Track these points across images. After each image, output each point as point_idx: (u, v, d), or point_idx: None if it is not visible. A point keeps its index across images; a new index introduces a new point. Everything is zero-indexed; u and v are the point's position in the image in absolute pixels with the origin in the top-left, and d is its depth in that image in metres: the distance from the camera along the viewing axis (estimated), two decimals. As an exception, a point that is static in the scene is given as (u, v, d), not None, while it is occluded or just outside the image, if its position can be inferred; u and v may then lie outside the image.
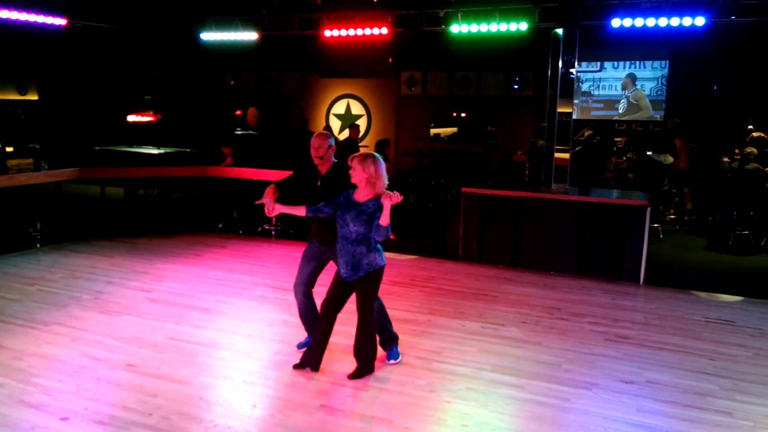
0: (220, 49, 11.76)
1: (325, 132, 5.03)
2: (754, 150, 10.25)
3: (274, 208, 4.58)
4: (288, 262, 7.93)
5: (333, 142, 4.87)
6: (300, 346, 5.12)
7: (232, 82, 16.29)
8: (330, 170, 4.85)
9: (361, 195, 4.42)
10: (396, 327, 5.64)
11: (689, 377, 4.76)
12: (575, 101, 13.03)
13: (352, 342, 4.71)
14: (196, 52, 12.16)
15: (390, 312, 6.04)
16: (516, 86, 14.14)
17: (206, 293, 6.59)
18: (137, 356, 4.94)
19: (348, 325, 5.67)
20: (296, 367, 4.75)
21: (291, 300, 6.38)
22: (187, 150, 11.86)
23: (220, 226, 9.78)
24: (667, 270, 7.97)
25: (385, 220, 4.29)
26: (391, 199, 4.23)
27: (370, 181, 4.36)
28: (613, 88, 13.60)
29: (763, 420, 4.11)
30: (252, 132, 14.78)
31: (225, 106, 15.32)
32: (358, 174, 4.35)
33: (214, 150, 10.51)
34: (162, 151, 11.77)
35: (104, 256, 8.02)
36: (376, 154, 4.47)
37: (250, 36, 10.88)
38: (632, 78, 13.37)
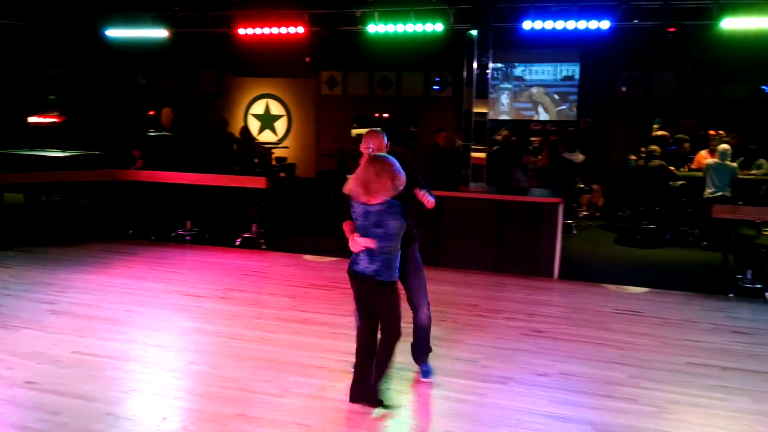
0: (129, 46, 11.26)
1: (378, 131, 4.46)
2: (657, 148, 10.81)
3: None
4: (203, 268, 7.69)
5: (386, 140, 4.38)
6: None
7: (143, 81, 15.65)
8: None
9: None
10: (316, 331, 5.58)
11: (599, 367, 4.92)
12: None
13: (265, 352, 4.58)
14: (103, 50, 11.60)
15: (309, 315, 5.98)
16: (436, 87, 14.32)
17: (115, 303, 6.27)
18: (38, 373, 4.62)
19: (265, 330, 5.55)
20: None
21: (206, 307, 6.21)
22: (95, 153, 11.29)
23: (130, 232, 9.35)
24: (580, 264, 8.26)
25: None
26: None
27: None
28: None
29: (666, 405, 4.30)
30: (166, 133, 14.27)
31: (136, 106, 14.70)
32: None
33: (125, 152, 10.05)
34: (67, 154, 11.15)
35: (2, 266, 7.49)
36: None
37: (160, 33, 10.48)
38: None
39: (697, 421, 4.11)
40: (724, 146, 9.34)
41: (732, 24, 8.00)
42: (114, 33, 10.83)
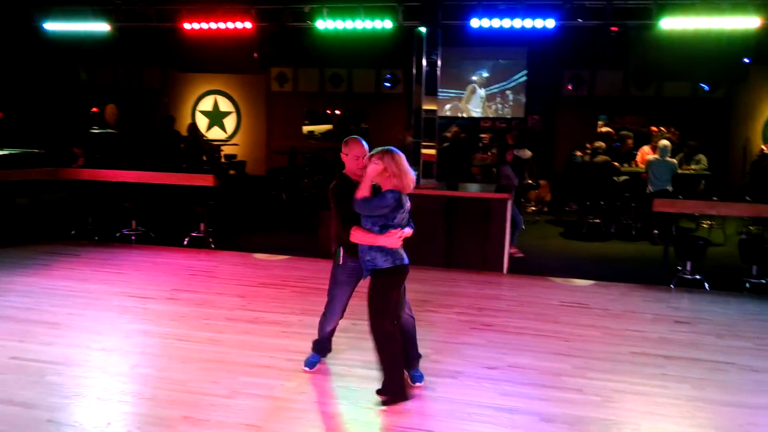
0: (70, 40, 10.86)
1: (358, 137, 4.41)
2: (602, 144, 11.11)
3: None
4: (149, 269, 7.50)
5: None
6: (309, 364, 4.69)
7: (85, 77, 15.13)
8: None
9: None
10: (266, 330, 5.52)
11: (546, 359, 5.02)
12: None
13: (213, 353, 4.50)
14: (42, 44, 11.16)
15: (259, 315, 5.91)
16: (388, 84, 14.34)
17: (56, 306, 6.05)
18: (-27, 380, 4.43)
19: (214, 331, 5.46)
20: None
21: (152, 309, 6.06)
22: (34, 151, 10.86)
23: (72, 232, 9.04)
24: (528, 259, 8.42)
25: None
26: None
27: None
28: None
29: (610, 395, 4.42)
30: (111, 130, 13.85)
31: (78, 103, 14.22)
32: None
33: (65, 150, 9.71)
34: (4, 152, 10.68)
35: (-66, 270, 7.15)
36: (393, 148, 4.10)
37: (102, 27, 10.15)
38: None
39: (640, 409, 4.24)
40: (664, 142, 9.66)
41: (671, 24, 8.27)
42: (53, 26, 10.44)
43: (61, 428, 3.84)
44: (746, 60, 8.66)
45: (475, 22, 8.50)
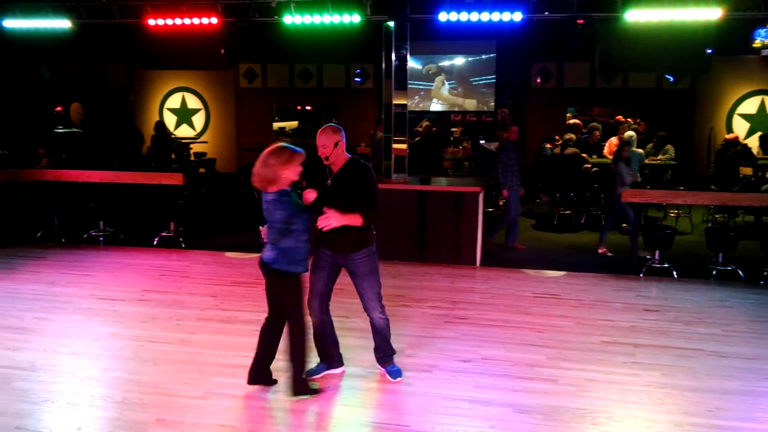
0: (31, 38, 10.57)
1: (332, 126, 4.21)
2: (573, 136, 11.23)
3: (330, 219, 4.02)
4: (119, 270, 7.36)
5: (343, 137, 4.18)
6: (311, 373, 4.42)
7: (48, 75, 14.79)
8: (344, 167, 4.24)
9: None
10: (239, 329, 5.46)
11: (520, 350, 5.07)
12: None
13: (185, 354, 4.44)
14: (1, 42, 10.86)
15: (232, 314, 5.85)
16: (358, 79, 14.29)
17: (22, 311, 5.91)
18: (-65, 389, 4.31)
19: (186, 332, 5.38)
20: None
21: (122, 311, 5.96)
22: (-4, 152, 10.61)
23: (38, 235, 8.83)
24: (500, 251, 8.47)
25: None
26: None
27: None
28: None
29: (584, 384, 4.48)
30: (76, 130, 13.57)
31: (41, 102, 13.89)
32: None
33: (28, 151, 9.47)
34: (-35, 153, 10.41)
35: None
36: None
37: (62, 24, 9.90)
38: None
39: (612, 397, 4.30)
40: (630, 133, 9.81)
41: (635, 16, 8.37)
42: (11, 23, 10.15)
43: (30, 435, 3.76)
44: (708, 51, 8.82)
45: (443, 16, 8.50)
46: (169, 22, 9.40)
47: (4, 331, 5.38)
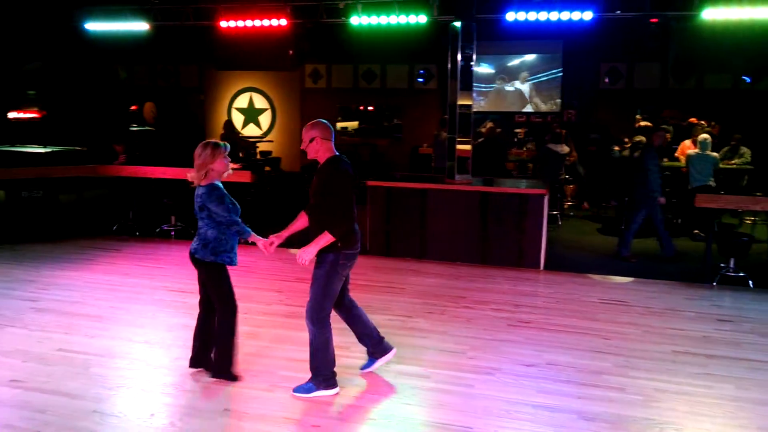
0: (109, 40, 11.10)
1: (313, 122, 4.22)
2: (643, 138, 10.87)
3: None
4: (189, 264, 7.53)
5: (321, 133, 4.12)
6: (364, 367, 4.62)
7: (124, 75, 15.46)
8: (321, 165, 4.23)
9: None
10: (303, 324, 5.54)
11: (585, 357, 4.96)
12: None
13: (252, 346, 4.54)
14: (82, 43, 11.43)
15: (296, 309, 5.96)
16: (421, 79, 14.31)
17: (99, 300, 6.21)
18: (22, 371, 4.57)
19: (252, 325, 5.52)
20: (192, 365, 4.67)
21: (192, 303, 6.13)
22: (77, 148, 11.15)
23: (114, 228, 9.26)
24: (565, 255, 8.31)
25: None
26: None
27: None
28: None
29: (652, 394, 4.34)
30: (149, 128, 14.13)
31: (117, 101, 14.53)
32: None
33: (107, 148, 9.93)
34: (48, 149, 11.00)
35: (-16, 264, 7.40)
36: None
37: (140, 26, 10.34)
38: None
39: (683, 408, 4.15)
40: (704, 136, 9.41)
41: (713, 14, 8.05)
42: (93, 26, 10.68)
43: (106, 418, 3.94)
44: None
45: (510, 16, 8.42)
46: (241, 24, 9.67)
47: (83, 319, 5.66)
